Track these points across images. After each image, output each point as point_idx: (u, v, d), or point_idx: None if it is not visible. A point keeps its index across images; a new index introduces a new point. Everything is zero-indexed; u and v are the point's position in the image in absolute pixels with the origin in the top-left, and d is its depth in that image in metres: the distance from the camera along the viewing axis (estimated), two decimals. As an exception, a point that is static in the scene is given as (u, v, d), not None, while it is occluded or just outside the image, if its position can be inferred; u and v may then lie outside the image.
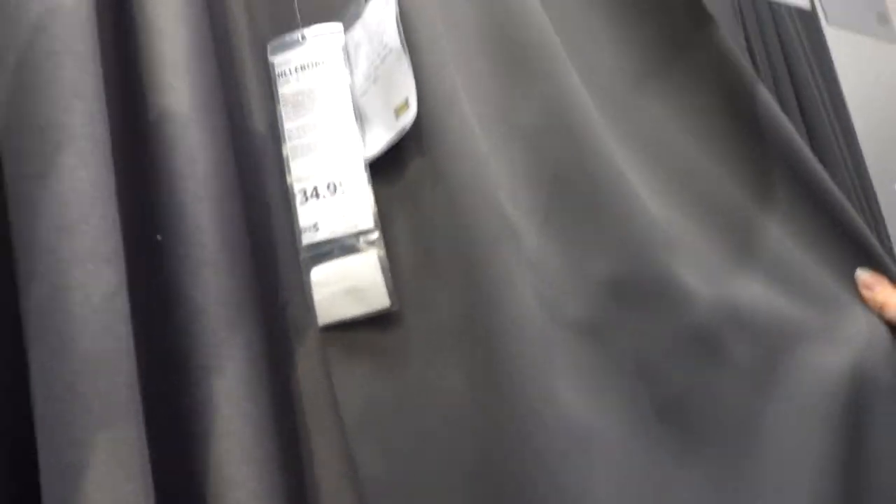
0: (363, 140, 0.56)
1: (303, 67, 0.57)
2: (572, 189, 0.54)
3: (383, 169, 0.55)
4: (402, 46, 0.53)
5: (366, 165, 0.55)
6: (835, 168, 0.91)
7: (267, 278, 0.52)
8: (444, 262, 0.52)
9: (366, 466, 0.48)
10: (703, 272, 0.54)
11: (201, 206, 0.45)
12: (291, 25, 0.58)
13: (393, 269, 0.53)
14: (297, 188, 0.55)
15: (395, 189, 0.55)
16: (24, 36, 0.39)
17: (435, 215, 0.53)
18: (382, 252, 0.53)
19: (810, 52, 0.93)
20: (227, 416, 0.42)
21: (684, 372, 0.50)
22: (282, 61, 0.57)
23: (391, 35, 0.54)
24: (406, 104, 0.53)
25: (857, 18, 0.96)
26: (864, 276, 0.55)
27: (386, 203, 0.55)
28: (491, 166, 0.52)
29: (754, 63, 0.84)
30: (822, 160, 0.69)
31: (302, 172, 0.55)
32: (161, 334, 0.44)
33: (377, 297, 0.53)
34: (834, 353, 0.54)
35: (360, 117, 0.57)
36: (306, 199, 0.55)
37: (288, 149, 0.56)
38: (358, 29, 0.58)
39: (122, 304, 0.38)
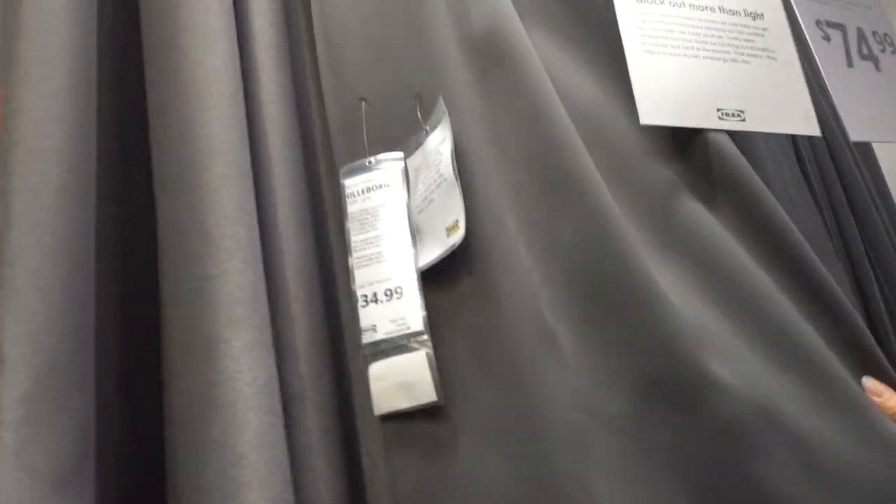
0: (417, 252, 0.63)
1: (369, 189, 0.66)
2: (606, 296, 0.60)
3: (435, 278, 0.62)
4: (455, 178, 0.62)
5: (419, 275, 0.62)
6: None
7: (337, 367, 0.60)
8: (489, 362, 0.58)
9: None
10: (736, 366, 0.58)
11: (298, 305, 0.55)
12: (360, 152, 0.67)
13: (441, 367, 0.59)
14: (359, 293, 0.63)
15: (445, 296, 0.62)
16: (202, 160, 0.50)
17: (481, 320, 0.59)
18: (431, 352, 0.60)
19: (868, 176, 0.97)
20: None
21: (717, 465, 0.54)
22: (351, 184, 0.67)
23: (446, 166, 0.63)
24: (456, 225, 0.61)
25: (881, 127, 0.96)
26: (869, 383, 0.59)
27: (436, 308, 0.61)
28: (533, 277, 0.59)
29: (811, 190, 0.87)
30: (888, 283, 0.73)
31: (364, 280, 0.63)
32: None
33: (426, 392, 0.59)
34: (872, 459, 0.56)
35: (416, 232, 0.65)
36: (367, 303, 0.63)
37: (354, 260, 0.64)
38: (418, 156, 0.67)
39: (276, 385, 0.47)
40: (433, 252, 0.64)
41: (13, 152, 0.49)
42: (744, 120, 0.79)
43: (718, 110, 0.78)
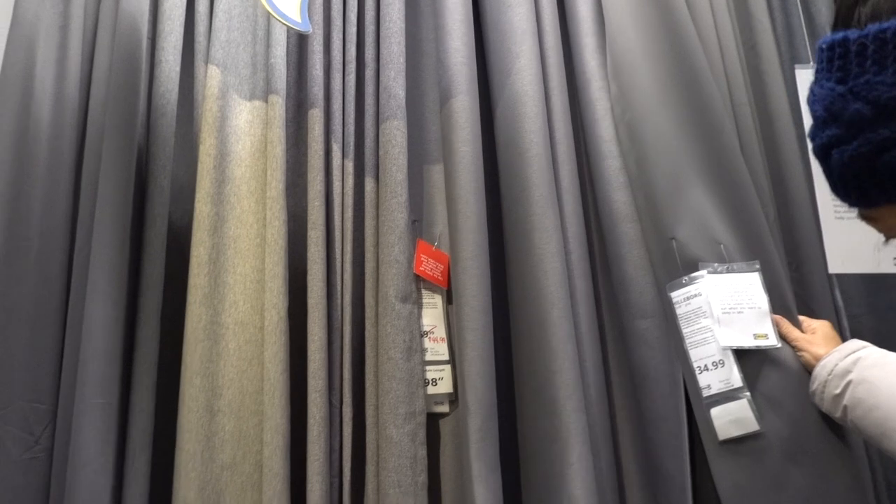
0: (727, 336, 0.97)
1: (688, 298, 1.00)
2: None
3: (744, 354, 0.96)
4: (769, 309, 0.99)
5: (732, 351, 0.95)
6: None
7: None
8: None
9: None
10: None
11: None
12: (674, 274, 1.02)
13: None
14: (695, 366, 0.96)
15: (754, 361, 0.95)
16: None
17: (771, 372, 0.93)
18: (749, 397, 0.92)
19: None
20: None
21: None
22: (675, 295, 1.01)
23: (762, 300, 0.99)
24: (766, 336, 0.95)
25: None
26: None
27: (749, 369, 0.94)
28: None
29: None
30: None
31: (698, 356, 0.96)
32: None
33: (750, 424, 0.92)
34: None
35: (720, 324, 0.98)
36: (701, 371, 0.96)
37: (688, 345, 0.98)
38: (724, 277, 1.02)
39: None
40: (742, 342, 0.97)
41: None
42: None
43: (893, 259, 1.11)
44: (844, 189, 0.45)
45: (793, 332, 0.97)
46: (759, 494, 0.91)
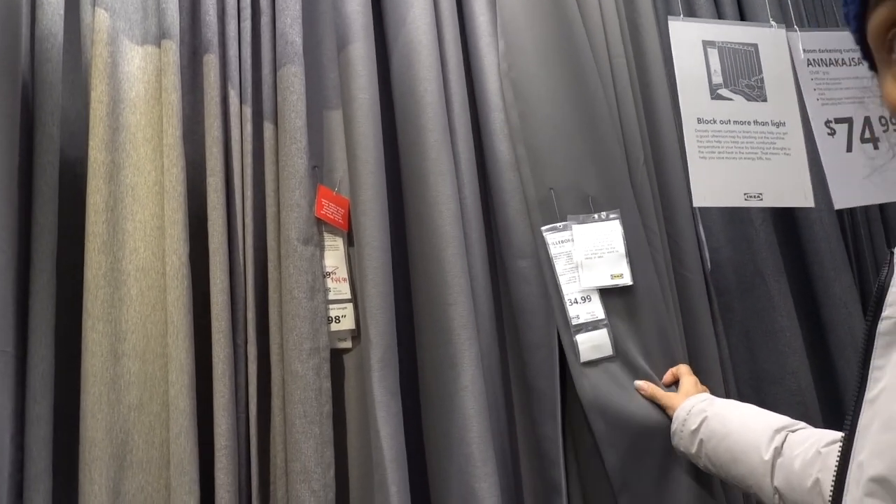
0: (587, 278, 1.10)
1: (563, 241, 1.10)
2: None
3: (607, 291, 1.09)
4: (627, 253, 1.12)
5: (598, 291, 1.10)
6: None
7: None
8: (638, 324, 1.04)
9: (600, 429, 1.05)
10: None
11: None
12: (550, 219, 1.12)
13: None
14: (567, 299, 1.08)
15: (610, 299, 1.09)
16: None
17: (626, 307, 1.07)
18: (608, 330, 1.07)
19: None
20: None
21: None
22: (550, 238, 1.11)
23: (619, 244, 1.12)
24: (621, 276, 1.11)
25: (864, 194, 1.28)
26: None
27: (609, 303, 1.08)
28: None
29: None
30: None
31: (569, 291, 1.09)
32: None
33: (606, 350, 1.09)
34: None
35: (582, 268, 1.11)
36: (572, 303, 1.08)
37: (560, 281, 1.09)
38: (589, 227, 1.13)
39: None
40: (601, 283, 1.11)
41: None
42: (762, 199, 1.29)
43: (745, 194, 1.27)
44: None
45: (657, 392, 1.09)
46: (612, 400, 1.07)
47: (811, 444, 0.82)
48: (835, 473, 0.58)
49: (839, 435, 0.78)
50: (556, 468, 1.10)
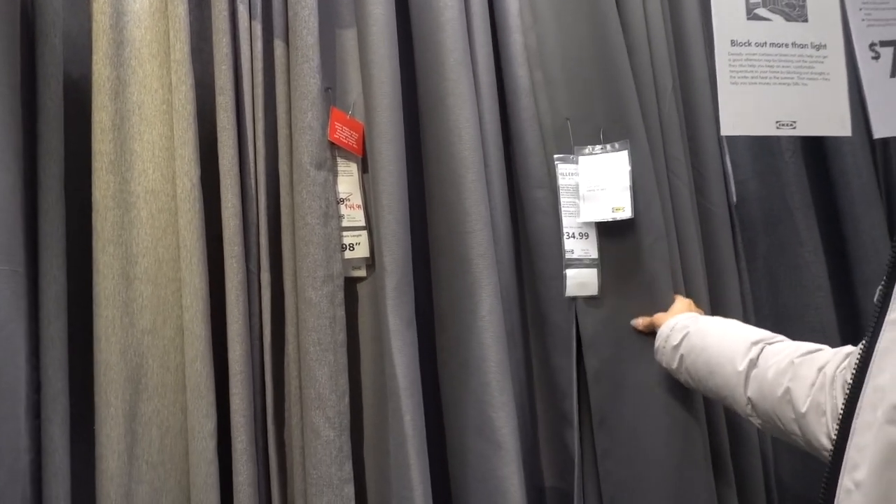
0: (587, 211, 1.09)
1: (570, 173, 1.06)
2: None
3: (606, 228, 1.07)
4: (630, 185, 1.08)
5: (594, 225, 1.09)
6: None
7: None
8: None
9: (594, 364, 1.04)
10: None
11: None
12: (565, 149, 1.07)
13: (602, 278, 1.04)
14: (565, 231, 1.08)
15: (609, 238, 1.07)
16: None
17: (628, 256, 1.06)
18: (598, 270, 1.07)
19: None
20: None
21: None
22: (562, 168, 1.09)
23: (625, 176, 1.09)
24: (622, 209, 1.06)
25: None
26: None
27: (606, 246, 1.06)
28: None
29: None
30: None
31: (569, 224, 1.08)
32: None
33: (591, 290, 1.08)
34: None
35: (585, 200, 1.09)
36: (569, 237, 1.08)
37: (563, 213, 1.06)
38: (600, 157, 1.09)
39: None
40: (601, 216, 1.08)
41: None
42: (794, 128, 1.22)
43: (777, 122, 1.21)
44: None
45: (648, 319, 1.08)
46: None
47: (786, 355, 0.82)
48: (846, 395, 0.56)
49: (816, 346, 0.81)
50: (568, 400, 1.09)
